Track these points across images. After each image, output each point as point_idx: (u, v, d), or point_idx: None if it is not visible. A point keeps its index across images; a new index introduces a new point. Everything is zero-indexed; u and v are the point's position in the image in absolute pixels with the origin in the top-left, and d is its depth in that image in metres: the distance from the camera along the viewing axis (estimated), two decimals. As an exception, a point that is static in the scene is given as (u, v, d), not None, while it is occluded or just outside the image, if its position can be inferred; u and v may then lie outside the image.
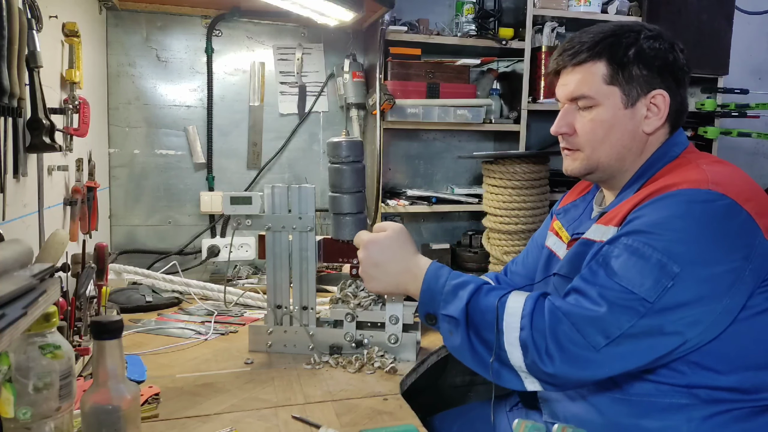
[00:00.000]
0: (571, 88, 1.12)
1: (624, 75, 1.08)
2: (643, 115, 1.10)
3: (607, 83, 1.09)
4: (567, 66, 1.13)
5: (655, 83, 1.09)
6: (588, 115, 1.11)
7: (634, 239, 0.96)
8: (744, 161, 2.92)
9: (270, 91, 2.24)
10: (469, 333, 1.02)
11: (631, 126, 1.10)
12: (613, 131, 1.10)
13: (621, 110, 1.09)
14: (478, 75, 2.42)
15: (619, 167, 1.13)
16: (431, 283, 1.10)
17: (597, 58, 1.09)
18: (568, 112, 1.14)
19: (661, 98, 1.09)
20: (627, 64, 1.08)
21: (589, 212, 1.26)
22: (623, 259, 0.95)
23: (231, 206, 1.32)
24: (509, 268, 1.52)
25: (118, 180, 2.11)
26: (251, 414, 1.03)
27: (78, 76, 1.49)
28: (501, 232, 2.07)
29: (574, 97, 1.12)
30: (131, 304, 1.64)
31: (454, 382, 2.26)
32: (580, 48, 1.10)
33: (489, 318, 1.00)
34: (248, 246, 2.10)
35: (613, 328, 0.92)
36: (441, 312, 1.07)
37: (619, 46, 1.08)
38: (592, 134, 1.11)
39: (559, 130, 1.15)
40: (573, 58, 1.11)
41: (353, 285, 1.35)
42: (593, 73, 1.09)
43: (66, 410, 0.79)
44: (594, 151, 1.12)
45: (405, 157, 2.45)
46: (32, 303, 0.68)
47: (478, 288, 1.05)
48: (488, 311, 1.01)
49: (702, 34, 2.37)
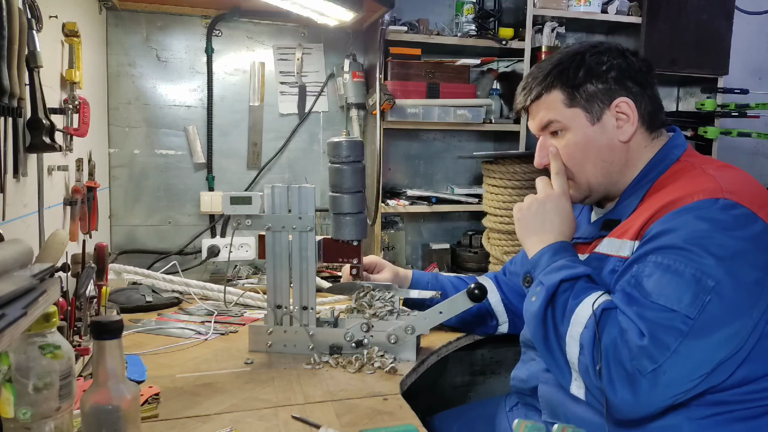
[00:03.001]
0: (538, 117, 1.18)
1: (581, 95, 1.12)
2: (613, 125, 1.12)
3: (568, 107, 1.13)
4: (528, 104, 1.19)
5: (614, 93, 1.12)
6: (562, 141, 1.16)
7: (663, 256, 0.95)
8: (744, 161, 2.92)
9: (270, 91, 2.24)
10: (547, 306, 1.02)
11: (605, 140, 1.13)
12: (589, 149, 1.13)
13: (589, 128, 1.13)
14: (478, 75, 2.42)
15: (608, 182, 1.15)
16: (548, 252, 1.09)
17: (551, 89, 1.14)
18: (544, 142, 1.19)
19: (625, 105, 1.12)
20: (579, 84, 1.12)
21: (586, 215, 1.27)
22: (657, 277, 0.94)
23: (231, 206, 1.32)
24: (507, 268, 1.52)
25: (118, 180, 2.11)
26: (251, 414, 1.03)
27: (78, 76, 1.49)
28: (501, 232, 2.07)
29: (543, 125, 1.17)
30: (131, 304, 1.64)
31: (454, 382, 2.26)
32: (533, 84, 1.17)
33: (569, 305, 1.00)
34: (248, 246, 2.10)
35: (660, 353, 0.89)
36: (537, 276, 1.07)
37: (567, 71, 1.13)
38: (571, 158, 1.15)
39: (542, 161, 1.19)
40: (529, 94, 1.17)
41: (368, 295, 1.34)
42: (552, 101, 1.14)
43: (66, 410, 0.79)
44: (579, 174, 1.16)
45: (405, 157, 2.45)
46: (32, 303, 0.68)
47: (578, 275, 1.03)
48: (571, 298, 1.00)
49: (702, 34, 2.37)
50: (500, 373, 2.28)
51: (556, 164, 1.16)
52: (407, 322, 1.29)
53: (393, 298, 1.33)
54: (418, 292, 1.38)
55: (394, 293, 1.34)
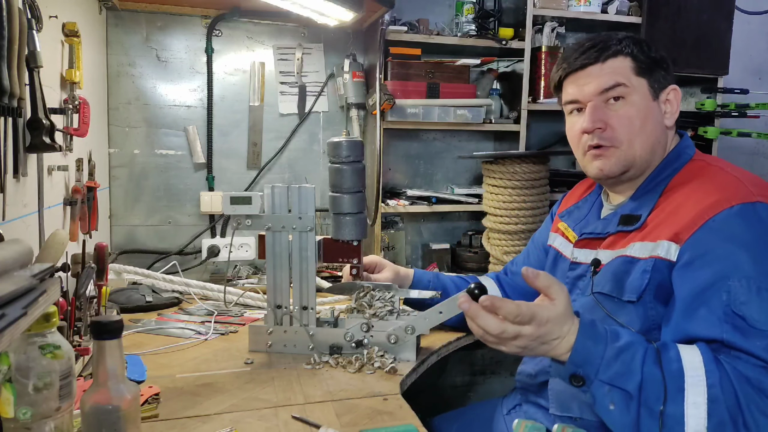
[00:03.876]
0: (604, 79, 1.13)
1: (648, 68, 1.13)
2: (661, 109, 1.15)
3: (637, 74, 1.13)
4: (594, 63, 1.14)
5: (669, 79, 1.15)
6: (622, 107, 1.13)
7: (746, 279, 0.92)
8: (744, 161, 2.92)
9: (270, 91, 2.24)
10: (640, 409, 0.88)
11: (660, 118, 1.14)
12: (648, 121, 1.13)
13: (651, 101, 1.13)
14: (478, 75, 2.42)
15: (650, 162, 1.14)
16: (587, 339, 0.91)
17: (624, 53, 1.13)
18: (597, 107, 1.13)
19: (674, 93, 1.15)
20: (648, 60, 1.13)
21: (596, 211, 1.25)
22: (755, 303, 0.90)
23: (231, 206, 1.32)
24: (509, 268, 1.52)
25: (118, 180, 2.11)
26: (251, 414, 1.03)
27: (78, 76, 1.49)
28: (501, 232, 2.07)
29: (607, 87, 1.12)
30: (131, 304, 1.64)
31: (454, 382, 2.26)
32: (608, 43, 1.14)
33: (664, 384, 0.87)
34: (248, 246, 2.10)
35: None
36: (599, 378, 0.90)
37: (640, 44, 1.14)
38: (630, 125, 1.12)
39: (595, 125, 1.13)
40: (602, 52, 1.13)
41: (368, 295, 1.34)
42: (623, 65, 1.13)
43: (66, 410, 0.79)
44: (631, 144, 1.12)
45: (405, 157, 2.45)
46: (32, 303, 0.68)
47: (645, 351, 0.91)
48: (666, 377, 0.87)
49: (702, 34, 2.37)
50: (500, 373, 2.29)
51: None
52: (407, 322, 1.29)
53: (393, 298, 1.33)
54: (418, 291, 1.38)
55: (394, 293, 1.34)
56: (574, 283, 1.20)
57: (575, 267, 1.21)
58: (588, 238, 1.19)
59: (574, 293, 1.18)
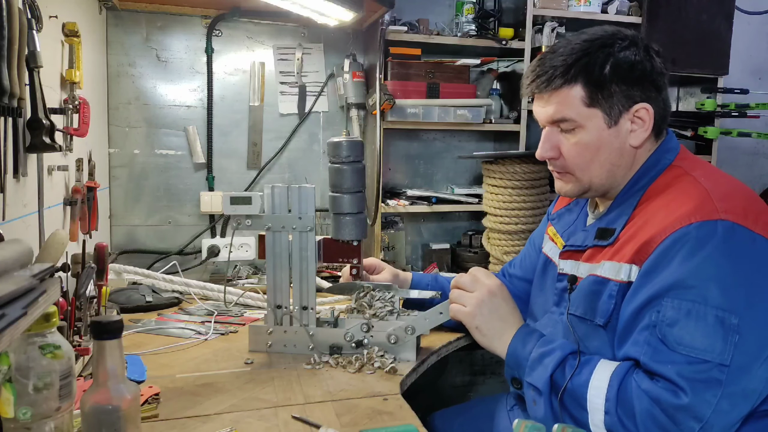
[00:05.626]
0: (550, 111, 1.09)
1: (603, 95, 1.05)
2: (627, 129, 1.08)
3: (588, 105, 1.06)
4: (542, 93, 1.10)
5: (635, 97, 1.06)
6: (572, 138, 1.09)
7: (679, 299, 0.92)
8: (744, 161, 2.92)
9: (270, 91, 2.24)
10: (552, 404, 1.01)
11: (617, 144, 1.08)
12: (600, 152, 1.08)
13: (605, 130, 1.07)
14: (478, 75, 2.42)
15: (610, 183, 1.12)
16: (518, 347, 1.11)
17: (573, 82, 1.06)
18: (551, 134, 1.12)
19: (644, 111, 1.07)
20: (604, 83, 1.05)
21: (583, 219, 1.24)
22: (681, 326, 0.91)
23: (231, 206, 1.32)
24: (507, 270, 1.52)
25: (118, 180, 2.11)
26: (251, 414, 1.03)
27: (78, 76, 1.49)
28: (501, 232, 2.07)
29: (554, 120, 1.10)
30: (131, 304, 1.64)
31: (453, 381, 2.26)
32: (554, 73, 1.06)
33: (577, 393, 0.98)
34: (248, 246, 2.10)
35: (703, 409, 0.88)
36: (526, 379, 1.07)
37: (593, 66, 1.05)
38: (580, 158, 1.10)
39: (545, 155, 1.13)
40: (548, 84, 1.07)
41: (368, 295, 1.34)
42: (571, 96, 1.07)
43: (66, 410, 0.79)
44: (584, 173, 1.11)
45: (405, 157, 2.46)
46: (32, 303, 0.68)
47: (564, 358, 1.03)
48: (576, 387, 0.99)
49: (702, 34, 2.37)
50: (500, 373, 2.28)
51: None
52: (407, 323, 1.29)
53: (393, 298, 1.33)
54: (418, 292, 1.38)
55: (394, 293, 1.34)
56: (561, 296, 1.19)
57: (562, 278, 1.19)
58: (569, 250, 1.18)
59: (562, 306, 1.17)
